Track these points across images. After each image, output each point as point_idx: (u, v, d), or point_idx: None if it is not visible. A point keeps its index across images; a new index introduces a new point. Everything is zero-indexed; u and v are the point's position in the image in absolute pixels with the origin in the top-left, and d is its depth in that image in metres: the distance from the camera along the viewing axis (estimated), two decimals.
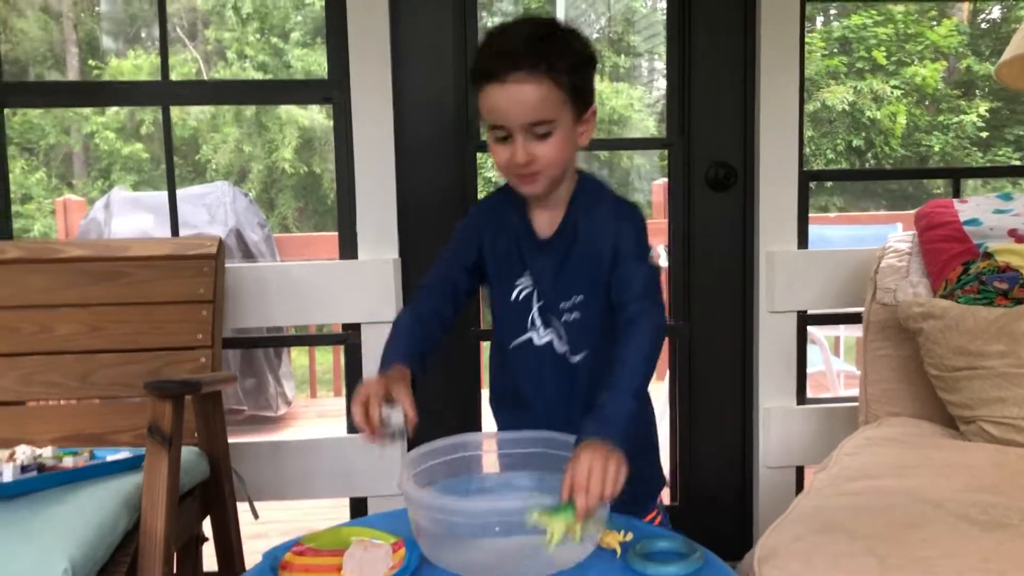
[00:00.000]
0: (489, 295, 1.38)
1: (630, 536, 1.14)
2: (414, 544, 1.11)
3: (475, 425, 2.18)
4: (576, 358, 1.30)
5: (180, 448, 1.41)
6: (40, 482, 1.37)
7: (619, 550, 1.12)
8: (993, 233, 1.77)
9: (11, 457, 1.39)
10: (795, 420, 2.17)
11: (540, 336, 1.31)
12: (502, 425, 1.39)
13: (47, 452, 1.47)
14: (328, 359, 5.50)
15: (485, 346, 2.30)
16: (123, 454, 1.51)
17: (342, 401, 4.35)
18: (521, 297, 1.32)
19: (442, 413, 2.10)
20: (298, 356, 5.74)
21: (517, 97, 1.17)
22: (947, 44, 10.30)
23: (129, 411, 1.77)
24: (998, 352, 1.53)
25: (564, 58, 1.19)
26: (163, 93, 2.11)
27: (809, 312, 2.20)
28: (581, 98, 1.23)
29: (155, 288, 1.83)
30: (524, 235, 1.31)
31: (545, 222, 1.31)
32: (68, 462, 1.45)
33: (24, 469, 1.38)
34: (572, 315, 1.29)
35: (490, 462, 1.25)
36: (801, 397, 2.21)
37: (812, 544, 1.20)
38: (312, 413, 4.88)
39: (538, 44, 1.18)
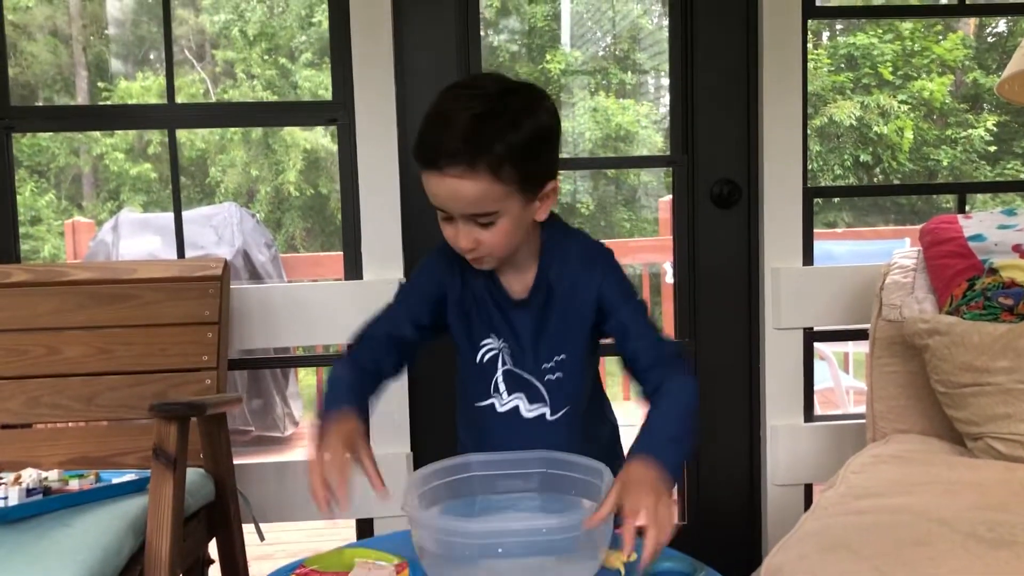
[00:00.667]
0: (455, 347, 1.31)
1: (634, 556, 1.14)
2: (417, 566, 1.11)
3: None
4: (555, 416, 1.27)
5: (185, 470, 1.42)
6: (45, 505, 1.37)
7: (623, 571, 1.12)
8: (998, 249, 1.76)
9: (17, 480, 1.40)
10: (803, 437, 2.16)
11: (503, 402, 1.27)
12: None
13: (53, 475, 1.47)
14: None
15: None
16: (128, 476, 1.51)
17: None
18: (486, 359, 1.27)
19: (446, 431, 2.10)
20: (305, 376, 5.75)
21: (455, 191, 1.10)
22: (953, 58, 10.30)
23: (135, 433, 1.77)
24: (1004, 368, 1.52)
25: (509, 148, 1.09)
26: (169, 116, 2.13)
27: (815, 329, 2.20)
28: (531, 182, 1.14)
29: (161, 310, 1.84)
30: (494, 296, 1.26)
31: (516, 283, 1.26)
32: (74, 485, 1.46)
33: (30, 492, 1.38)
34: (555, 375, 1.26)
35: (492, 483, 1.25)
36: (808, 414, 2.20)
37: (817, 563, 1.19)
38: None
39: (478, 136, 1.08)
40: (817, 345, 3.81)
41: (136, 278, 1.86)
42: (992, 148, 10.20)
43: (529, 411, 1.27)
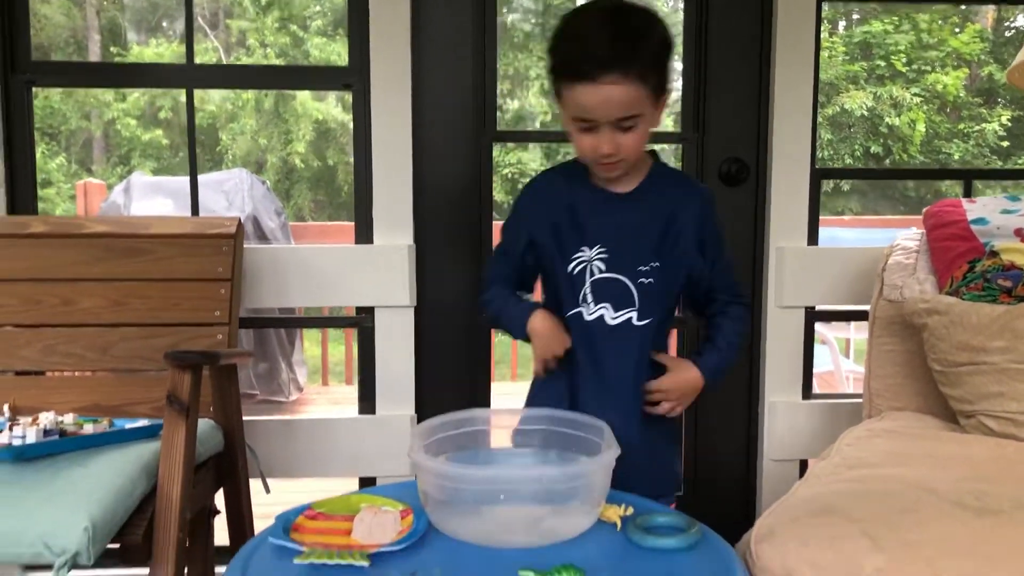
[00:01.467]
0: (542, 267, 1.45)
1: (630, 511, 1.18)
2: (421, 512, 1.15)
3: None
4: (641, 322, 1.36)
5: (197, 418, 1.45)
6: (61, 445, 1.41)
7: (619, 523, 1.16)
8: (1000, 232, 1.79)
9: (35, 421, 1.44)
10: (800, 414, 2.19)
11: (590, 311, 1.37)
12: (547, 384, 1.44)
13: (68, 419, 1.51)
14: (340, 351, 5.55)
15: (496, 333, 2.34)
16: (141, 423, 1.55)
17: (353, 389, 4.40)
18: (576, 271, 1.37)
19: (450, 396, 2.15)
20: (310, 347, 5.80)
21: (608, 97, 1.22)
22: (969, 51, 10.25)
23: (147, 384, 1.81)
24: (999, 348, 1.56)
25: (651, 55, 1.25)
26: (187, 76, 2.16)
27: (817, 308, 2.23)
28: (661, 87, 1.28)
29: (175, 265, 1.87)
30: (595, 200, 1.37)
31: (620, 182, 1.38)
32: (88, 429, 1.50)
33: (47, 433, 1.42)
34: (648, 279, 1.35)
35: (496, 437, 1.29)
36: (807, 392, 2.24)
37: (808, 525, 1.23)
38: (324, 400, 4.94)
39: (627, 44, 1.22)
40: (820, 329, 3.85)
41: (152, 233, 1.90)
42: (1005, 143, 10.17)
43: (614, 318, 1.37)
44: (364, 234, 2.13)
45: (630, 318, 1.36)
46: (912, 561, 1.11)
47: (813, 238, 2.20)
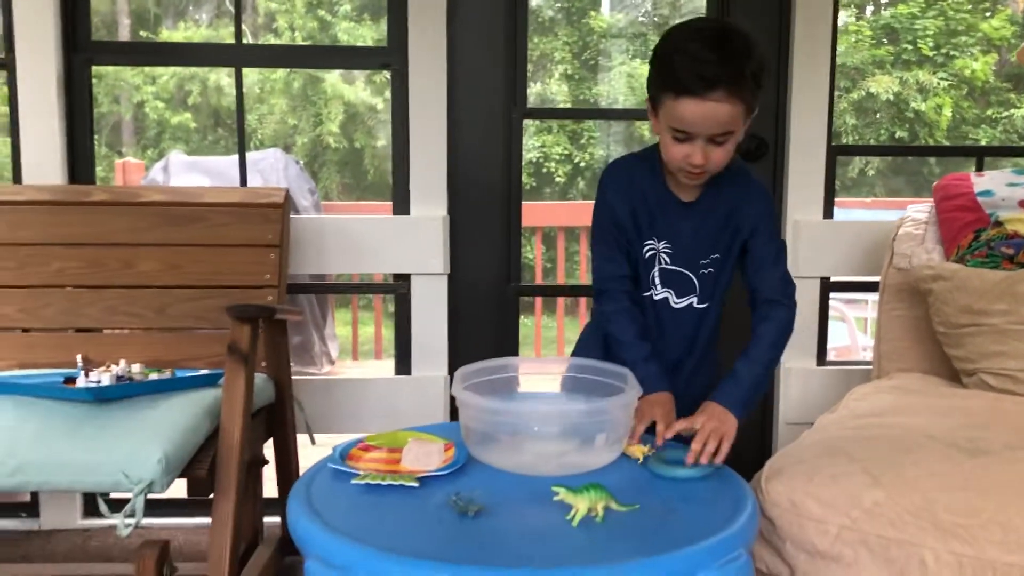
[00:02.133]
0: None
1: (652, 451, 1.30)
2: (463, 446, 1.28)
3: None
4: (702, 305, 1.50)
5: (255, 366, 1.58)
6: (133, 388, 1.56)
7: (641, 459, 1.28)
8: (1004, 204, 1.89)
9: (108, 368, 1.58)
10: (814, 379, 2.31)
11: (657, 293, 1.51)
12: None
13: (136, 368, 1.66)
14: (369, 331, 5.68)
15: (525, 301, 2.46)
16: (203, 372, 1.69)
17: (385, 363, 4.54)
18: (647, 256, 1.50)
19: (480, 358, 2.26)
20: (340, 328, 5.95)
21: (711, 115, 1.29)
22: (1000, 36, 10.17)
23: (202, 341, 1.95)
24: (1000, 311, 1.66)
25: (753, 76, 1.30)
26: (236, 55, 2.29)
27: (832, 279, 2.33)
28: (752, 108, 1.34)
29: (227, 232, 2.01)
30: (664, 201, 1.47)
31: (686, 190, 1.46)
32: (154, 377, 1.64)
33: (119, 379, 1.56)
34: (707, 270, 1.48)
35: (526, 382, 1.42)
36: (821, 359, 2.34)
37: (814, 465, 1.35)
38: (355, 374, 5.08)
39: (734, 66, 1.28)
40: (839, 307, 3.94)
41: (205, 202, 2.03)
42: None
43: (677, 303, 1.51)
44: (401, 205, 2.26)
45: (691, 303, 1.50)
46: (908, 494, 1.23)
47: (829, 212, 2.30)
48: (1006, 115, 10.10)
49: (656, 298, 1.51)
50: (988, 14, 10.23)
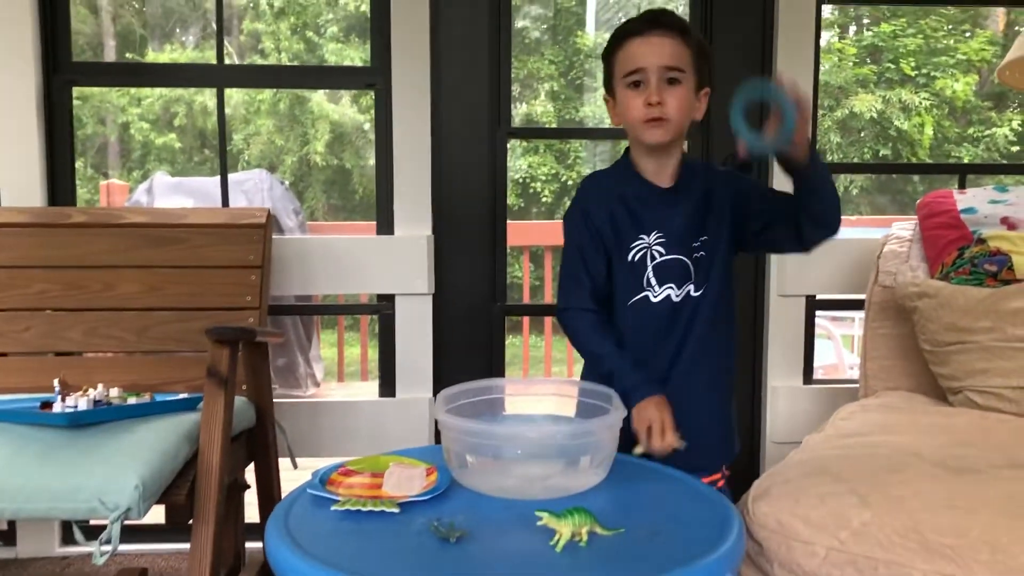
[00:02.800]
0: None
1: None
2: (445, 470, 1.26)
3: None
4: (699, 291, 1.47)
5: (234, 390, 1.56)
6: (111, 413, 1.53)
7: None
8: (987, 221, 1.89)
9: (84, 393, 1.55)
10: (801, 398, 2.30)
11: (656, 293, 1.47)
12: None
13: (114, 392, 1.63)
14: (355, 352, 5.65)
15: (513, 320, 2.44)
16: (181, 396, 1.67)
17: (370, 385, 4.51)
18: (636, 258, 1.47)
19: (466, 379, 2.25)
20: (325, 350, 5.91)
21: (657, 47, 1.39)
22: (980, 58, 10.27)
23: (182, 364, 1.93)
24: (985, 328, 1.65)
25: (692, 32, 1.43)
26: (219, 75, 2.28)
27: (817, 297, 2.33)
28: (700, 72, 1.43)
29: (209, 253, 1.99)
30: (645, 194, 1.48)
31: (663, 176, 1.49)
32: (132, 400, 1.61)
33: (96, 403, 1.54)
34: (700, 253, 1.47)
35: (511, 404, 1.40)
36: (807, 377, 2.34)
37: (800, 485, 1.33)
38: (340, 396, 5.04)
39: (674, 18, 1.42)
40: (825, 325, 3.94)
41: (187, 223, 2.01)
42: (1015, 148, 10.18)
43: (678, 295, 1.47)
44: (385, 225, 2.24)
45: (689, 291, 1.47)
46: (895, 515, 1.22)
47: None
48: (988, 133, 10.19)
49: (656, 300, 1.47)
50: (968, 35, 10.34)
